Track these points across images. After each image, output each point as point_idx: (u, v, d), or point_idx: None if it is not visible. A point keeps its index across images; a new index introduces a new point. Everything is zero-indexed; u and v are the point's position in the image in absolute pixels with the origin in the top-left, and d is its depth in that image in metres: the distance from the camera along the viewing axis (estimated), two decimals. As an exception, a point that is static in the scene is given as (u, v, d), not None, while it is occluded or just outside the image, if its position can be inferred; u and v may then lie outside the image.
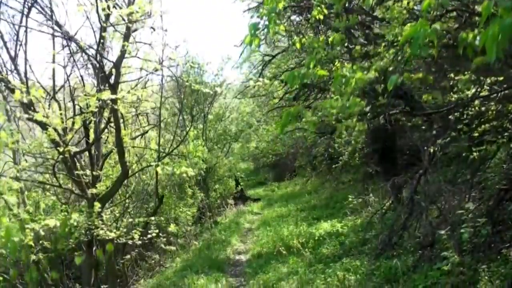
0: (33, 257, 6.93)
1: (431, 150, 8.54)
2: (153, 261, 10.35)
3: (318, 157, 17.44)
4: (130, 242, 6.27)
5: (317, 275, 7.73)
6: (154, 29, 7.65)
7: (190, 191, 12.03)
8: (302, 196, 16.99)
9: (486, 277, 5.64)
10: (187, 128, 12.21)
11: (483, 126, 4.66)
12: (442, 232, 6.53)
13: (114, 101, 5.28)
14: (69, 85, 7.08)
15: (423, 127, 6.78)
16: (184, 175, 6.18)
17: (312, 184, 19.15)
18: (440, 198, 8.03)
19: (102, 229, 5.78)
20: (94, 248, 8.14)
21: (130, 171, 7.61)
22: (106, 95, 5.06)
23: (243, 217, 14.88)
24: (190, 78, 12.17)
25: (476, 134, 4.78)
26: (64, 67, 6.77)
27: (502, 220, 6.55)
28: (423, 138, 8.01)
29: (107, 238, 6.02)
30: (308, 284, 7.44)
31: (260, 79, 7.05)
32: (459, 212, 6.62)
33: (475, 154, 4.99)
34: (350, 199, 10.87)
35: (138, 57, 8.54)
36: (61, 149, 5.36)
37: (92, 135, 7.02)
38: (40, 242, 7.34)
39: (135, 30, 8.08)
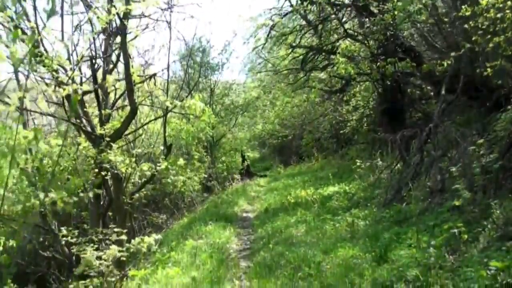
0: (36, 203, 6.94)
1: (442, 105, 8.49)
2: (160, 221, 10.34)
3: (324, 133, 17.32)
4: (138, 174, 6.24)
5: (326, 222, 7.66)
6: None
7: (197, 154, 12.00)
8: (308, 173, 16.86)
9: (498, 211, 5.57)
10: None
11: (496, 38, 4.57)
12: (454, 169, 6.45)
13: (125, 15, 5.21)
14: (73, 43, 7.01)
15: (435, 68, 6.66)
16: (194, 107, 6.13)
17: (318, 164, 19.02)
18: (451, 150, 7.94)
19: (112, 157, 5.74)
20: (101, 202, 8.25)
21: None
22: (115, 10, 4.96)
23: (249, 187, 14.84)
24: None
25: (491, 45, 4.69)
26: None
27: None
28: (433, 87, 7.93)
29: (115, 170, 5.99)
30: (317, 229, 7.38)
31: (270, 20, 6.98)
32: (470, 149, 6.54)
33: (489, 70, 4.88)
34: (358, 163, 10.76)
35: (145, 16, 8.61)
36: (70, 73, 5.33)
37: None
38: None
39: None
